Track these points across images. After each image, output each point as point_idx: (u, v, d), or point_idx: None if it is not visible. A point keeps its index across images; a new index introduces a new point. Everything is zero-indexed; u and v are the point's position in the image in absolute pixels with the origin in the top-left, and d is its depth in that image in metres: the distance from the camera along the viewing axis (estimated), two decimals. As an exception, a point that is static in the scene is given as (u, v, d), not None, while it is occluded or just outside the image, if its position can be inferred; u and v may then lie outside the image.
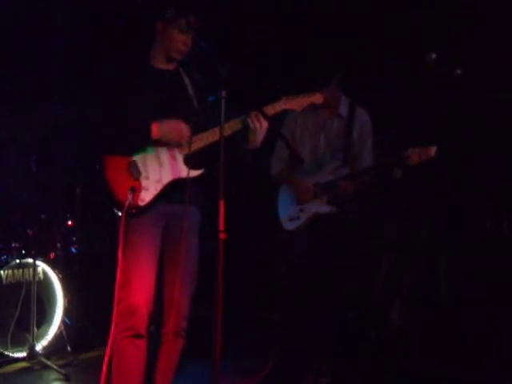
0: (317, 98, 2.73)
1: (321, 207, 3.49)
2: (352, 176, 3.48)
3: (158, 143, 2.58)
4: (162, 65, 2.71)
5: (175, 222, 2.64)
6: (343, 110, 3.60)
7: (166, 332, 2.65)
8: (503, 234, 3.92)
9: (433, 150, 3.18)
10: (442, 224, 4.18)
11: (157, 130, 2.55)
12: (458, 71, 3.07)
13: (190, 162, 2.58)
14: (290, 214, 3.56)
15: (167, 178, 2.59)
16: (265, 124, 2.57)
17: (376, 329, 3.97)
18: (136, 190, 2.52)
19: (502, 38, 3.90)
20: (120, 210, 2.52)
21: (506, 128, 3.80)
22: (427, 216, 4.29)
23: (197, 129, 2.57)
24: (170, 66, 2.73)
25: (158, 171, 2.58)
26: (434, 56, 3.12)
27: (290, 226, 3.56)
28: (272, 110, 2.63)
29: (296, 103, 2.68)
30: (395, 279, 4.33)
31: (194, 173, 2.58)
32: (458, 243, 4.03)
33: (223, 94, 2.33)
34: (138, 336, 2.54)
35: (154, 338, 2.68)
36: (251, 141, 2.61)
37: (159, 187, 2.57)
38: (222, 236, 2.26)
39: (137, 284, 2.52)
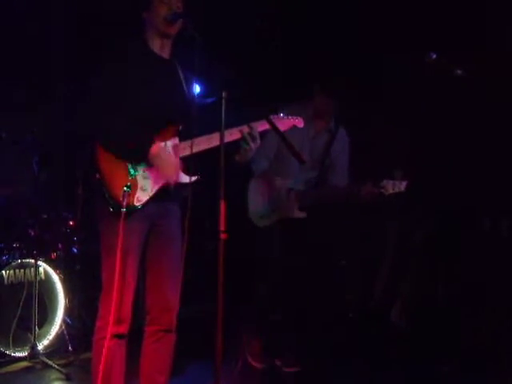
0: (298, 122, 2.83)
1: (293, 212, 3.60)
2: (321, 192, 3.63)
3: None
4: (158, 50, 2.68)
5: (160, 221, 2.64)
6: (333, 125, 3.73)
7: (159, 330, 2.67)
8: (502, 235, 3.92)
9: (403, 185, 3.34)
10: (442, 224, 4.18)
11: (155, 153, 2.50)
12: (459, 71, 3.07)
13: (188, 166, 2.57)
14: (261, 212, 3.67)
15: (164, 180, 2.58)
16: (258, 142, 2.61)
17: (376, 329, 3.97)
18: (132, 188, 2.49)
19: (502, 39, 3.90)
20: (114, 206, 2.48)
21: (506, 128, 3.80)
22: (426, 216, 4.29)
23: (191, 128, 2.53)
24: (165, 53, 2.70)
25: (155, 172, 2.56)
26: (434, 56, 3.12)
27: (260, 222, 3.67)
28: (261, 127, 2.64)
29: (281, 124, 2.72)
30: (395, 279, 4.34)
31: (191, 178, 2.57)
32: (457, 243, 4.03)
33: (224, 95, 2.34)
34: (123, 337, 2.58)
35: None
36: (243, 156, 2.63)
37: (155, 188, 2.56)
38: (223, 236, 2.27)
39: (127, 291, 2.54)
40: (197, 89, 2.85)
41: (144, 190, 2.54)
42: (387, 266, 4.40)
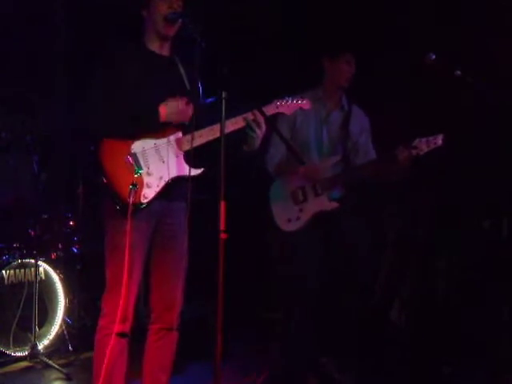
0: (305, 104, 2.77)
1: (323, 204, 3.38)
2: (352, 171, 3.43)
3: (162, 126, 2.58)
4: (157, 49, 2.69)
5: (165, 219, 2.64)
6: (345, 103, 3.59)
7: (161, 328, 2.68)
8: (503, 235, 3.92)
9: (440, 138, 3.18)
10: (442, 224, 4.18)
11: (164, 112, 2.55)
12: (458, 72, 3.07)
13: (190, 160, 2.57)
14: (287, 215, 3.42)
15: (169, 174, 2.58)
16: (264, 128, 2.60)
17: (376, 329, 3.97)
18: (137, 186, 2.50)
19: (502, 38, 3.91)
20: (120, 205, 2.49)
21: (506, 127, 3.80)
22: (427, 216, 4.29)
23: (197, 124, 2.55)
24: (165, 51, 2.71)
25: (160, 167, 2.57)
26: (433, 57, 3.12)
27: (288, 227, 3.41)
28: (261, 115, 2.62)
29: (287, 107, 2.71)
30: (395, 279, 4.34)
31: (195, 171, 2.58)
32: (457, 243, 4.03)
33: (224, 94, 2.35)
34: (125, 335, 2.58)
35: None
36: (251, 144, 2.64)
37: (161, 184, 2.56)
38: (223, 236, 2.28)
39: (130, 289, 2.54)
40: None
41: (149, 186, 2.54)
42: (387, 266, 4.39)
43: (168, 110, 2.57)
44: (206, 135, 2.58)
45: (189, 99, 2.64)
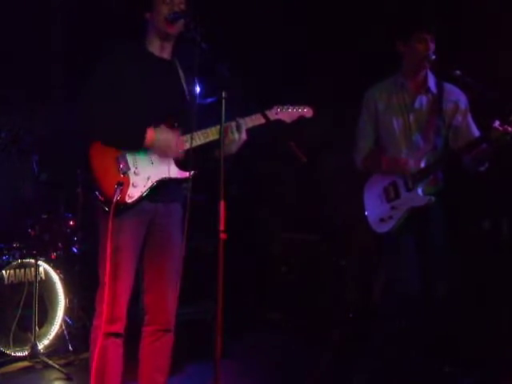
0: (307, 112, 2.73)
1: (416, 200, 3.14)
2: (446, 158, 3.16)
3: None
4: (157, 51, 2.69)
5: (159, 220, 2.63)
6: (432, 84, 3.28)
7: (156, 330, 2.67)
8: (502, 235, 3.92)
9: None
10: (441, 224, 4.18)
11: (151, 138, 2.53)
12: (458, 72, 3.07)
13: (181, 162, 2.57)
14: (380, 215, 3.23)
15: (157, 176, 2.57)
16: (244, 136, 2.58)
17: (375, 329, 3.96)
18: (123, 185, 2.49)
19: (502, 38, 3.91)
20: (106, 204, 2.49)
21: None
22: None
23: (190, 126, 2.53)
24: (165, 53, 2.71)
25: (148, 168, 2.57)
26: (433, 57, 3.12)
27: (381, 228, 3.23)
28: (264, 118, 2.63)
29: (287, 114, 2.68)
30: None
31: (185, 174, 2.57)
32: (457, 244, 4.03)
33: (224, 95, 2.35)
34: (119, 335, 2.58)
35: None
36: (227, 148, 2.56)
37: (148, 185, 2.55)
38: (223, 236, 2.28)
39: (121, 290, 2.53)
40: (197, 89, 2.85)
41: (135, 186, 2.53)
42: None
43: (157, 143, 2.53)
44: (200, 138, 2.57)
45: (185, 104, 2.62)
